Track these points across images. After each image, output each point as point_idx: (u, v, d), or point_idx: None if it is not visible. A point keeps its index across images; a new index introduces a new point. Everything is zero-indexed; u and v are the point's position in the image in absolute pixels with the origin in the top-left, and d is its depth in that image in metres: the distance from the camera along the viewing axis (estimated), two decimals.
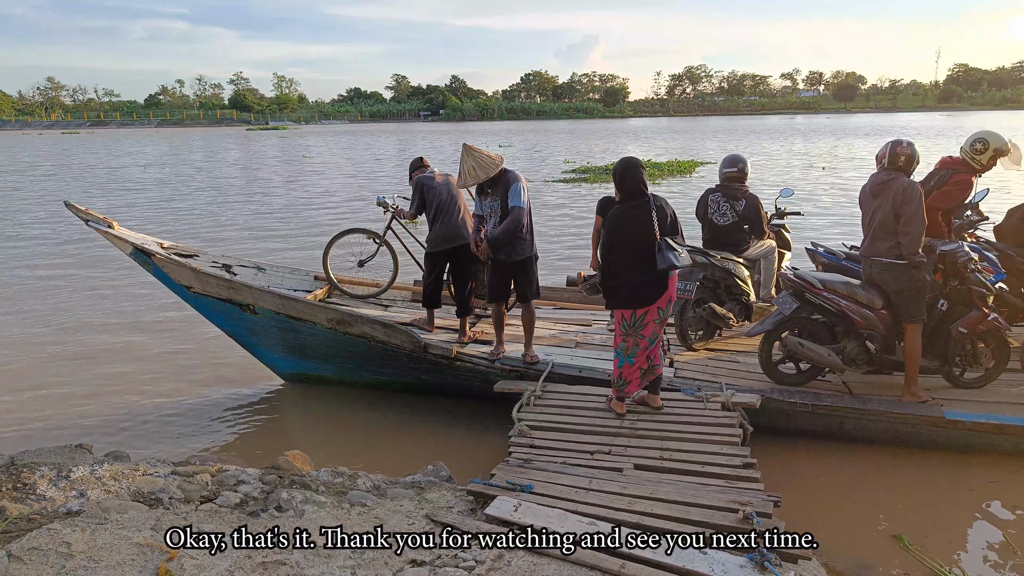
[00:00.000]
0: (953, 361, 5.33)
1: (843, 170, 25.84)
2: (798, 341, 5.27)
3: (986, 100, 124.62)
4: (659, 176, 25.06)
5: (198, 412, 6.41)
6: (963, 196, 5.82)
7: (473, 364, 5.90)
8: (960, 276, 5.21)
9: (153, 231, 13.00)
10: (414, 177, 6.45)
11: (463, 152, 5.53)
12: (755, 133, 58.31)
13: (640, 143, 48.38)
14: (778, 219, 7.26)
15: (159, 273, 6.35)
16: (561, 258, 12.48)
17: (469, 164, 5.48)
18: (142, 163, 38.01)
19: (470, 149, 5.52)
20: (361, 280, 7.40)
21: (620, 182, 4.76)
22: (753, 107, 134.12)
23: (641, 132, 66.73)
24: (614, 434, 4.74)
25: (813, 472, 5.00)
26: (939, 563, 3.85)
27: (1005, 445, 4.95)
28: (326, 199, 21.86)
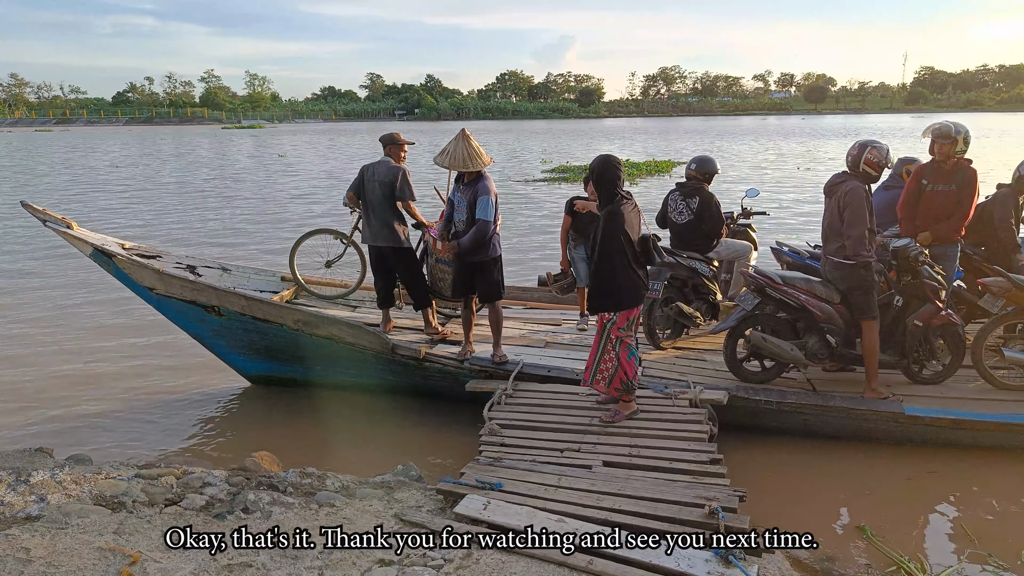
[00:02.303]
0: (911, 355, 5.44)
1: (819, 170, 26.27)
2: (761, 336, 5.34)
3: (951, 102, 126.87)
4: (638, 175, 25.26)
5: (163, 415, 6.33)
6: (914, 185, 5.99)
7: (442, 365, 5.90)
8: (913, 271, 5.33)
9: (119, 232, 12.81)
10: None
11: (460, 135, 5.54)
12: (730, 134, 58.84)
13: (617, 143, 48.61)
14: (744, 219, 7.35)
15: (120, 275, 6.25)
16: (537, 258, 12.51)
17: (460, 149, 5.48)
18: (111, 162, 37.40)
19: (467, 137, 5.54)
20: (329, 281, 7.36)
21: (603, 180, 4.72)
22: (726, 108, 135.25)
23: (617, 132, 67.04)
24: (584, 431, 4.78)
25: (778, 467, 5.08)
26: (900, 553, 3.94)
27: (962, 439, 5.07)
28: (299, 199, 21.71)
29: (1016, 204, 6.44)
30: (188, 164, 36.00)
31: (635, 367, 4.91)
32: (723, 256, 6.74)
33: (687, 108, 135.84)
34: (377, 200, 6.11)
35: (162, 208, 19.84)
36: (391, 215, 6.12)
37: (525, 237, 14.64)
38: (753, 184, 17.87)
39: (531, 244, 13.92)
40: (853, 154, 5.16)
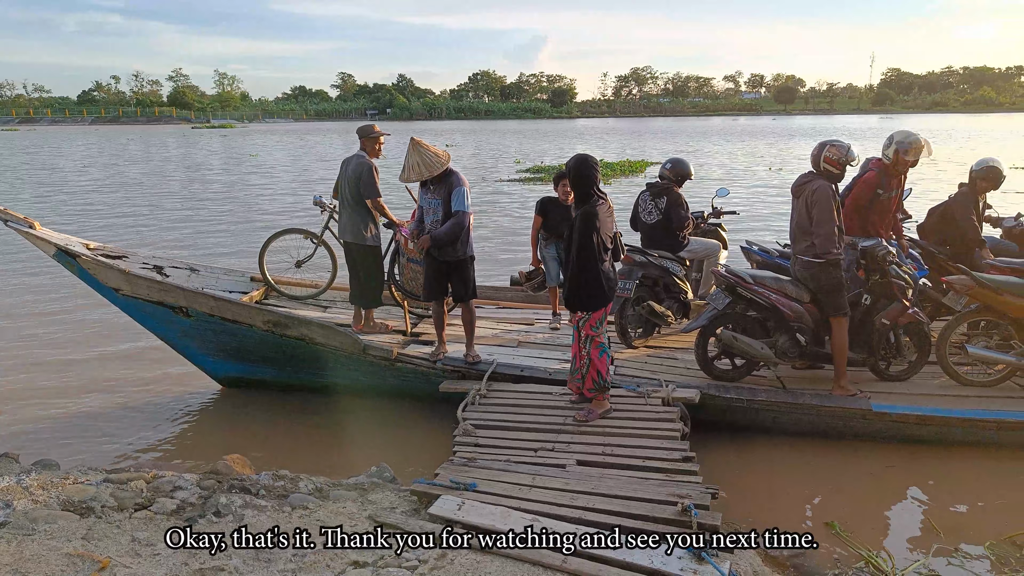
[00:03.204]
0: (878, 353, 5.54)
1: (789, 170, 26.61)
2: (732, 335, 5.41)
3: (917, 103, 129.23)
4: (612, 176, 25.41)
5: (132, 419, 6.22)
6: (867, 193, 6.04)
7: (414, 365, 5.88)
8: (881, 270, 5.44)
9: (84, 233, 12.61)
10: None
11: (410, 146, 5.50)
12: (701, 134, 59.36)
13: (590, 143, 48.79)
14: (715, 218, 7.43)
15: (85, 275, 6.13)
16: (512, 258, 12.51)
17: (414, 159, 5.46)
18: (79, 161, 36.71)
19: (417, 144, 5.50)
20: (299, 281, 7.30)
21: (579, 179, 4.73)
22: (698, 108, 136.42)
23: (590, 132, 67.29)
24: (558, 431, 4.80)
25: (750, 464, 5.14)
26: (868, 547, 4.01)
27: (929, 435, 5.17)
28: (270, 199, 21.50)
29: (976, 202, 6.60)
30: (157, 164, 35.45)
31: (607, 365, 4.95)
32: (694, 255, 6.81)
33: (659, 109, 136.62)
34: (347, 195, 6.19)
35: (129, 209, 19.52)
36: (358, 211, 6.19)
37: (499, 237, 14.65)
38: (724, 184, 18.07)
39: (505, 244, 13.93)
40: (814, 154, 5.27)
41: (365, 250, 6.26)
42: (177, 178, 28.22)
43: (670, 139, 53.33)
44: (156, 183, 26.31)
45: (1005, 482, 4.84)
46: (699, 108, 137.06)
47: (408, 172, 5.49)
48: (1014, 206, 8.77)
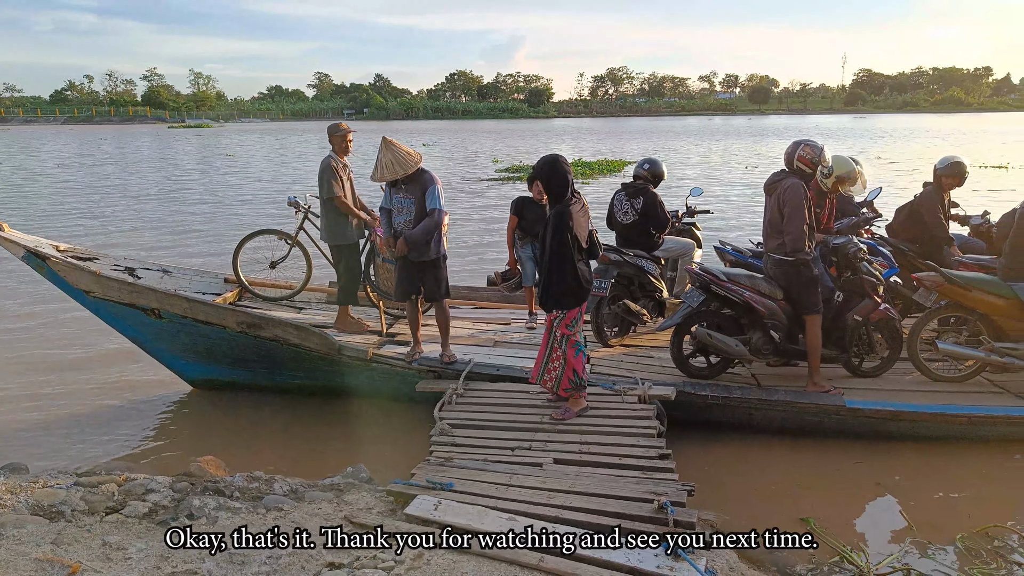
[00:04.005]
0: (851, 350, 5.61)
1: (763, 168, 26.87)
2: (707, 332, 5.44)
3: (888, 103, 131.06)
4: (591, 175, 25.52)
5: (103, 421, 6.13)
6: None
7: (390, 365, 5.85)
8: (852, 267, 5.50)
9: (57, 235, 12.42)
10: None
11: (382, 145, 5.48)
12: (677, 134, 59.76)
13: (568, 143, 48.89)
14: (689, 217, 7.48)
15: (55, 277, 6.04)
16: (490, 257, 12.50)
17: (388, 158, 5.44)
18: (50, 161, 36.09)
19: (389, 143, 5.48)
20: (274, 282, 7.24)
21: (554, 178, 4.73)
22: (673, 108, 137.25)
23: (567, 132, 67.46)
24: (535, 430, 4.80)
25: (725, 461, 5.18)
26: (843, 543, 4.05)
27: (901, 430, 5.24)
28: (247, 200, 21.30)
29: (942, 200, 6.70)
30: (131, 164, 34.97)
31: (583, 363, 4.96)
32: (668, 254, 6.86)
33: (635, 108, 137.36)
34: (320, 196, 6.29)
35: (102, 210, 19.24)
36: (324, 211, 6.32)
37: (477, 236, 14.64)
38: (698, 183, 18.21)
39: (483, 243, 13.92)
40: (789, 152, 5.33)
41: (336, 249, 6.37)
42: (151, 178, 27.85)
43: (647, 139, 53.63)
44: (130, 183, 25.95)
45: (976, 476, 4.92)
46: (675, 108, 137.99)
47: (382, 171, 5.46)
48: (982, 204, 8.92)
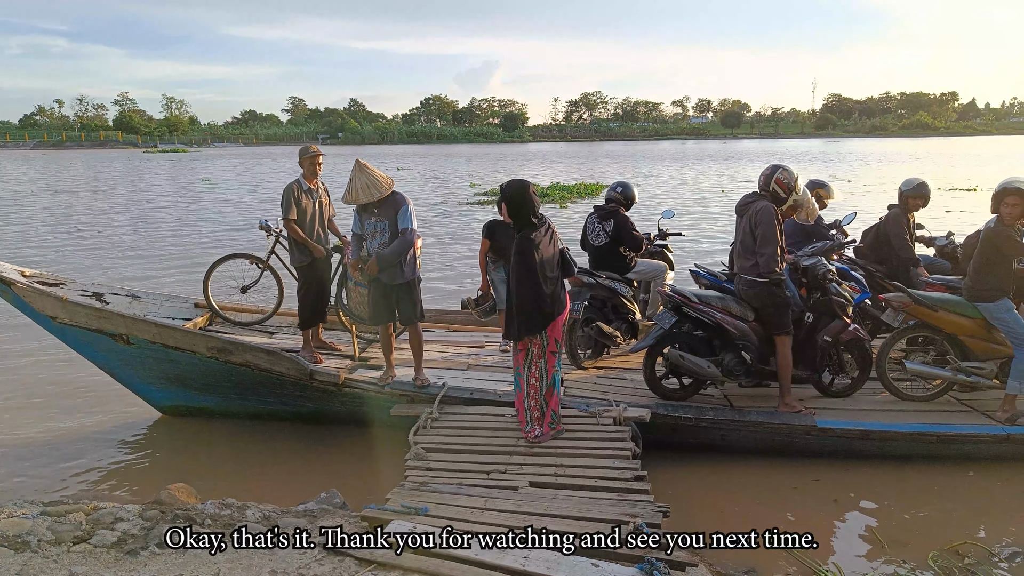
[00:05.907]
0: (822, 370, 5.68)
1: (736, 192, 27.26)
2: (679, 354, 5.48)
3: (857, 128, 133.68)
4: (569, 198, 25.75)
5: (71, 450, 6.00)
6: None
7: (362, 390, 5.81)
8: (821, 288, 5.59)
9: (25, 262, 12.23)
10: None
11: (356, 168, 5.48)
12: (651, 158, 60.40)
13: (544, 167, 49.19)
14: (661, 239, 7.55)
15: (20, 303, 5.95)
16: (468, 281, 12.49)
17: (362, 181, 5.43)
18: (18, 187, 35.54)
19: (363, 166, 5.48)
20: (245, 307, 7.18)
21: (522, 204, 4.77)
22: (647, 133, 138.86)
23: (543, 156, 67.92)
24: (510, 453, 4.79)
25: (699, 482, 5.20)
26: (817, 561, 4.08)
27: (871, 449, 5.31)
28: (217, 224, 21.13)
29: (908, 221, 6.85)
30: (103, 189, 34.55)
31: (559, 399, 5.03)
32: (641, 276, 6.91)
33: (609, 133, 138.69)
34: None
35: (71, 237, 18.95)
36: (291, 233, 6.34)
37: (453, 259, 14.65)
38: (669, 205, 18.42)
39: (457, 267, 13.92)
40: (766, 174, 5.42)
41: (298, 271, 6.45)
42: (122, 204, 27.53)
43: (620, 163, 54.17)
44: (101, 209, 25.64)
45: (945, 493, 5.00)
46: (648, 132, 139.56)
47: (356, 193, 5.45)
48: (953, 226, 9.13)
